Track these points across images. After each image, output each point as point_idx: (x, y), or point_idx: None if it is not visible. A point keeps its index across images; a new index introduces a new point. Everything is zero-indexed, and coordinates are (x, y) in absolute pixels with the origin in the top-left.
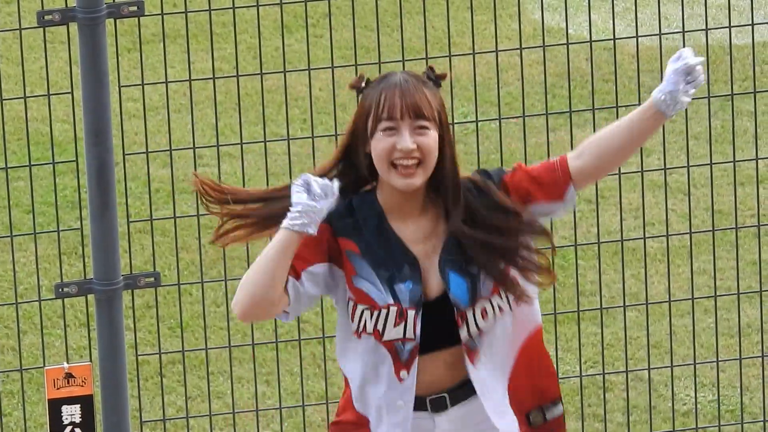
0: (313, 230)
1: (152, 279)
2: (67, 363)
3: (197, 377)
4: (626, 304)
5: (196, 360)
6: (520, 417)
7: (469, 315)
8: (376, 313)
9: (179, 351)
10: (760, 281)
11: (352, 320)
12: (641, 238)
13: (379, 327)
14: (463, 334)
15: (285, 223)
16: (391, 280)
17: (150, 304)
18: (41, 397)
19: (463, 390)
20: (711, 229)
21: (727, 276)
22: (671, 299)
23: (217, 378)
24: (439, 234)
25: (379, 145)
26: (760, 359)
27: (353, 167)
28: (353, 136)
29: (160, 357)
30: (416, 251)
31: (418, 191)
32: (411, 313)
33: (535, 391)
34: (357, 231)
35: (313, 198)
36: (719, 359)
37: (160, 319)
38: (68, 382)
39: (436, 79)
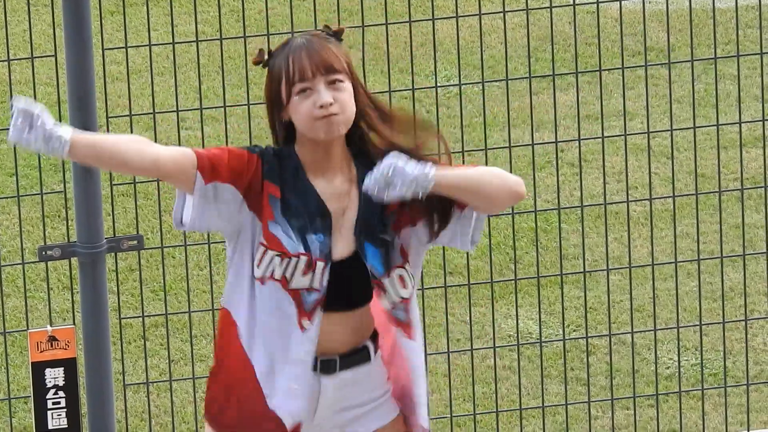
0: (61, 148)
1: (135, 242)
2: (51, 326)
3: (180, 340)
4: (609, 267)
5: (179, 323)
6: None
7: (386, 283)
8: (286, 260)
9: (162, 314)
10: (744, 245)
11: (258, 265)
12: (624, 202)
13: (287, 274)
14: (385, 303)
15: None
16: (303, 230)
17: (133, 267)
18: (24, 360)
19: (356, 356)
20: (694, 192)
21: (710, 240)
22: (654, 263)
23: (201, 341)
24: (352, 197)
25: (299, 108)
26: (743, 323)
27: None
28: (269, 107)
29: (143, 320)
30: (330, 207)
31: (336, 148)
32: (320, 264)
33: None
34: (280, 177)
35: (31, 133)
36: (702, 323)
37: (143, 282)
38: (51, 345)
39: (335, 35)
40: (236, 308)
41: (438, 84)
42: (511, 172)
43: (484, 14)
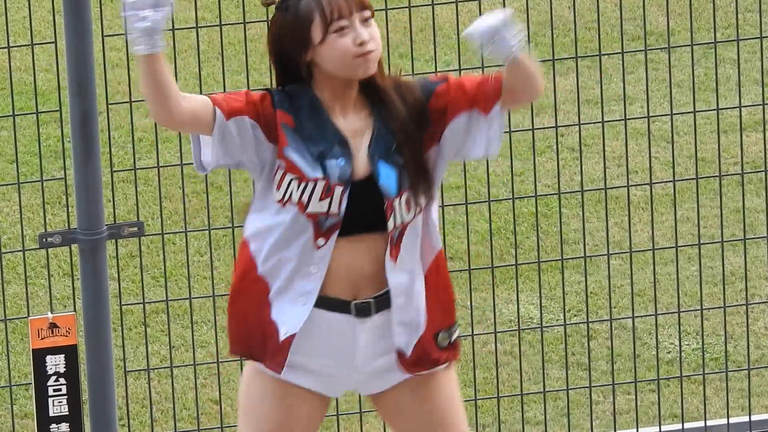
0: (159, 46)
1: (136, 228)
2: (51, 313)
3: (181, 327)
4: (610, 252)
5: (179, 309)
6: (426, 334)
7: (396, 204)
8: (303, 184)
9: (163, 300)
10: (744, 229)
11: (278, 188)
12: (624, 186)
13: (304, 199)
14: (390, 224)
15: (134, 50)
16: (321, 156)
17: (134, 254)
18: (25, 347)
19: (386, 298)
20: (694, 177)
21: (710, 224)
22: (655, 247)
23: (201, 327)
24: (370, 127)
25: (337, 46)
26: (744, 307)
27: (290, 75)
28: (289, 49)
29: (144, 306)
30: (347, 134)
31: (354, 87)
32: (338, 189)
33: (440, 311)
34: (293, 108)
35: (143, 14)
36: (703, 307)
37: (143, 268)
38: (52, 332)
39: None
40: (257, 224)
41: (438, 69)
42: (511, 157)
43: None
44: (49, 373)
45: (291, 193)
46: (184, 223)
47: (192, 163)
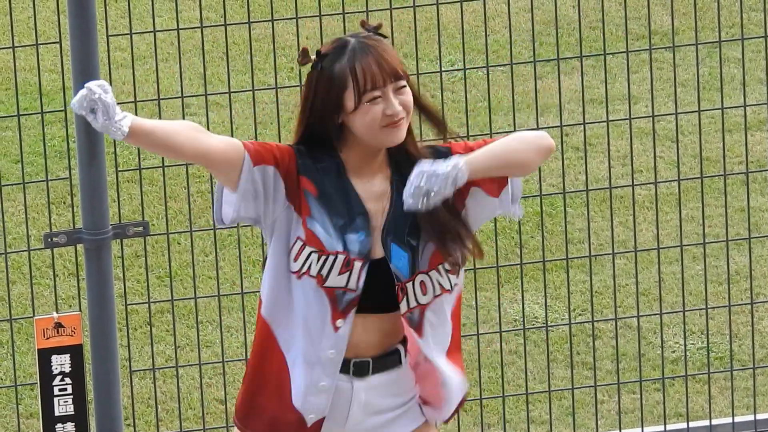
0: (124, 123)
1: (141, 228)
2: (57, 313)
3: (186, 326)
4: (615, 251)
5: (185, 309)
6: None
7: (409, 288)
8: (323, 258)
9: (168, 300)
10: (749, 228)
11: (296, 260)
12: (629, 186)
13: (324, 272)
14: (404, 306)
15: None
16: (343, 229)
17: (139, 254)
18: (31, 347)
19: (388, 359)
20: (699, 176)
21: (715, 223)
22: (660, 246)
23: (206, 327)
24: (387, 194)
25: (368, 116)
26: (749, 306)
27: (314, 139)
28: (321, 111)
29: (149, 306)
30: (369, 208)
31: (382, 151)
32: (357, 264)
33: (457, 363)
34: (317, 175)
35: (94, 116)
36: (708, 306)
37: (148, 268)
38: (58, 332)
39: (379, 33)
40: (275, 313)
41: (442, 69)
42: None
43: None
44: (54, 373)
45: (310, 265)
46: (189, 223)
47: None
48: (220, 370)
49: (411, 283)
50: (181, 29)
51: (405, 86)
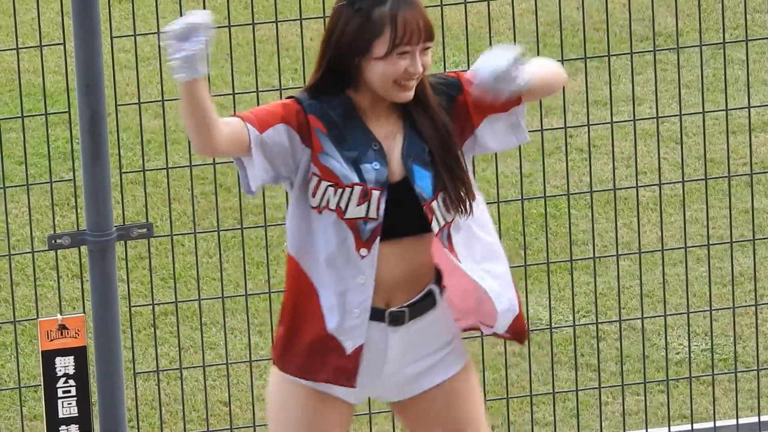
0: (199, 72)
1: (145, 230)
2: (61, 314)
3: (190, 328)
4: (619, 253)
5: (188, 311)
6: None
7: (435, 206)
8: (340, 191)
9: (172, 302)
10: (753, 230)
11: (314, 195)
12: (633, 187)
13: (342, 204)
14: (435, 226)
15: (175, 77)
16: (357, 161)
17: (143, 255)
18: (34, 349)
19: (423, 304)
20: (703, 177)
21: (719, 225)
22: (664, 248)
23: (210, 329)
24: (401, 131)
25: (391, 68)
26: (753, 308)
27: (333, 75)
28: (345, 49)
29: (153, 308)
30: (381, 141)
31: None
32: (375, 193)
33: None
34: (326, 114)
35: (182, 44)
36: (712, 308)
37: (152, 270)
38: (62, 334)
39: None
40: (299, 238)
41: (447, 70)
42: (520, 158)
43: (492, 0)
44: (58, 375)
45: (328, 199)
46: (193, 225)
47: (201, 164)
48: (224, 372)
49: (435, 201)
50: None
51: (429, 47)
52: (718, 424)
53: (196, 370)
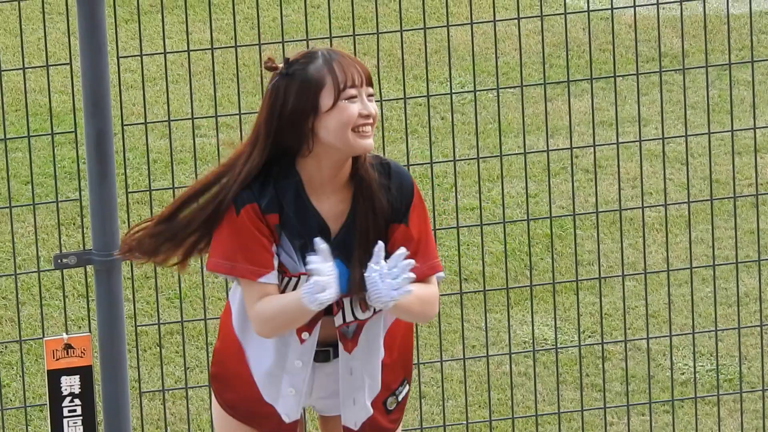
0: (331, 296)
1: None
2: (66, 334)
3: (196, 347)
4: (624, 273)
5: (194, 330)
6: (377, 404)
7: (346, 303)
8: (286, 280)
9: (178, 321)
10: (759, 250)
11: (279, 286)
12: (639, 208)
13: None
14: (338, 320)
15: (305, 305)
16: (303, 248)
17: (149, 275)
18: (40, 368)
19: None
20: (709, 198)
21: (725, 245)
22: (669, 269)
23: None
24: (345, 215)
25: (344, 113)
26: (759, 328)
27: (278, 148)
28: (294, 116)
29: (159, 327)
30: (330, 224)
31: (345, 168)
32: None
33: (391, 371)
34: (278, 204)
35: (319, 298)
36: (718, 328)
37: (158, 289)
38: (67, 353)
39: None
40: (244, 325)
41: (453, 91)
42: (526, 178)
43: (498, 21)
44: (64, 394)
45: (285, 290)
46: None
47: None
48: None
49: (348, 299)
50: (191, 51)
51: (373, 95)
52: None
53: (201, 389)
